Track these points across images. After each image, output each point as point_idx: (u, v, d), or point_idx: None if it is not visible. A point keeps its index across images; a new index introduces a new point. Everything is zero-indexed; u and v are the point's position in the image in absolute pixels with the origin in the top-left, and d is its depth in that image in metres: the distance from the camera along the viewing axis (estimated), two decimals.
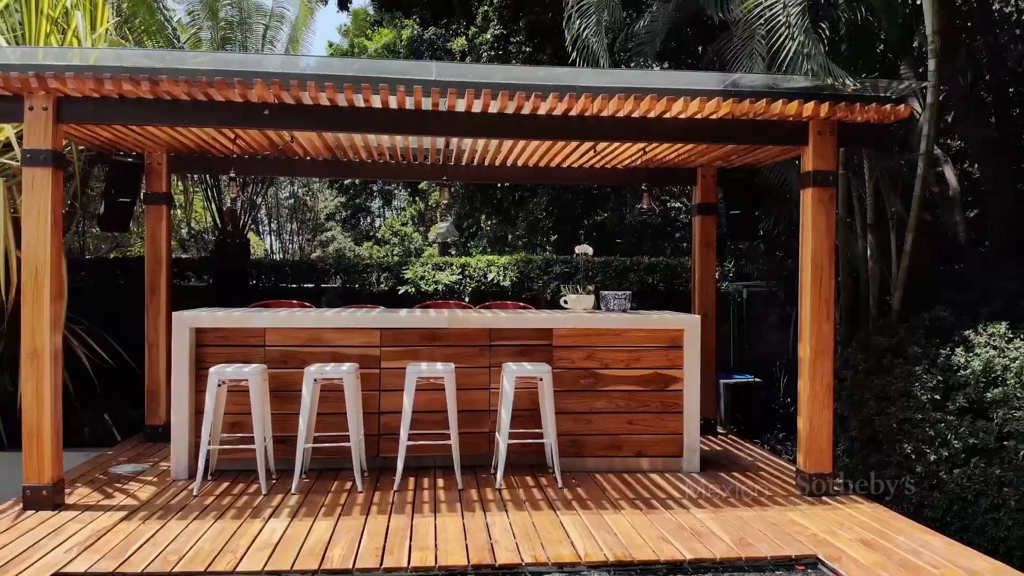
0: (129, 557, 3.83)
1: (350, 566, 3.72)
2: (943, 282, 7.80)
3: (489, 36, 11.86)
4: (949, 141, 10.35)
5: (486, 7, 12.48)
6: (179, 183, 8.86)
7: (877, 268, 7.12)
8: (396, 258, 11.12)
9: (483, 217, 16.89)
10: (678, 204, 13.78)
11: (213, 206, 8.32)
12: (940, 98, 6.26)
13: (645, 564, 3.82)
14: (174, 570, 3.67)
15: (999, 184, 9.71)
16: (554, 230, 15.81)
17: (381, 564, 3.73)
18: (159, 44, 7.30)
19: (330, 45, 24.70)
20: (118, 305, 7.58)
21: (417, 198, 21.80)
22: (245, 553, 3.87)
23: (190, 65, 4.69)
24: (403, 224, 24.94)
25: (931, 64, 6.11)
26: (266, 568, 3.69)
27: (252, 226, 12.57)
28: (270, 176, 9.38)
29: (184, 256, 12.62)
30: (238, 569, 3.68)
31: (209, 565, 3.72)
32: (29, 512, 4.58)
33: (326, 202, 24.61)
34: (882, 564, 3.83)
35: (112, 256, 9.97)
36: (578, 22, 6.55)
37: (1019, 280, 7.58)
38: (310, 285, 8.82)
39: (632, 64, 8.22)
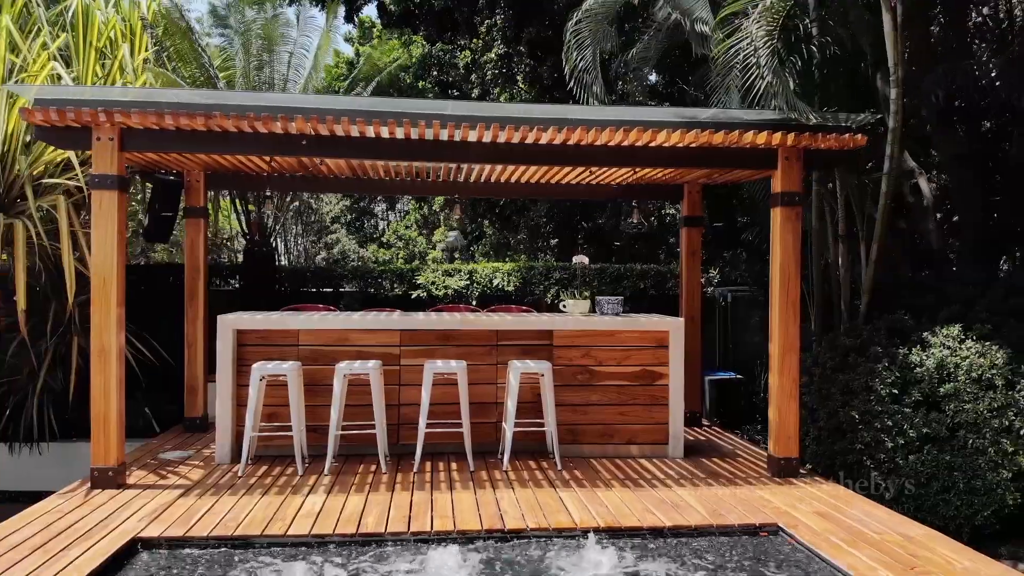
0: (193, 525, 4.50)
1: (383, 530, 4.38)
2: (910, 287, 8.47)
3: (493, 55, 12.52)
4: (926, 153, 11.02)
5: (489, 23, 13.13)
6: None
7: (848, 275, 7.78)
8: (408, 264, 11.77)
9: (486, 223, 17.58)
10: (673, 210, 14.45)
11: (241, 217, 8.97)
12: (902, 122, 6.90)
13: (631, 529, 4.49)
14: (235, 533, 4.35)
15: (967, 195, 10.40)
16: (554, 235, 16.49)
17: (408, 528, 4.41)
18: (192, 69, 7.96)
19: (337, 54, 25.33)
20: (154, 307, 8.24)
21: (421, 202, 22.44)
22: (293, 520, 4.55)
23: (238, 101, 5.36)
24: (407, 227, 25.56)
25: (892, 93, 6.76)
26: (312, 531, 4.36)
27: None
28: (297, 192, 10.05)
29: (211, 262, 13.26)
30: (289, 532, 4.35)
31: (264, 529, 4.39)
32: (96, 491, 5.25)
33: (331, 206, 25.22)
34: (831, 530, 4.49)
35: (142, 263, 10.63)
36: (575, 54, 7.22)
37: (978, 286, 8.26)
38: (328, 290, 9.48)
39: (626, 86, 8.89)
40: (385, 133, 5.30)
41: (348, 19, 18.08)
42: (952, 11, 9.57)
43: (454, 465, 5.94)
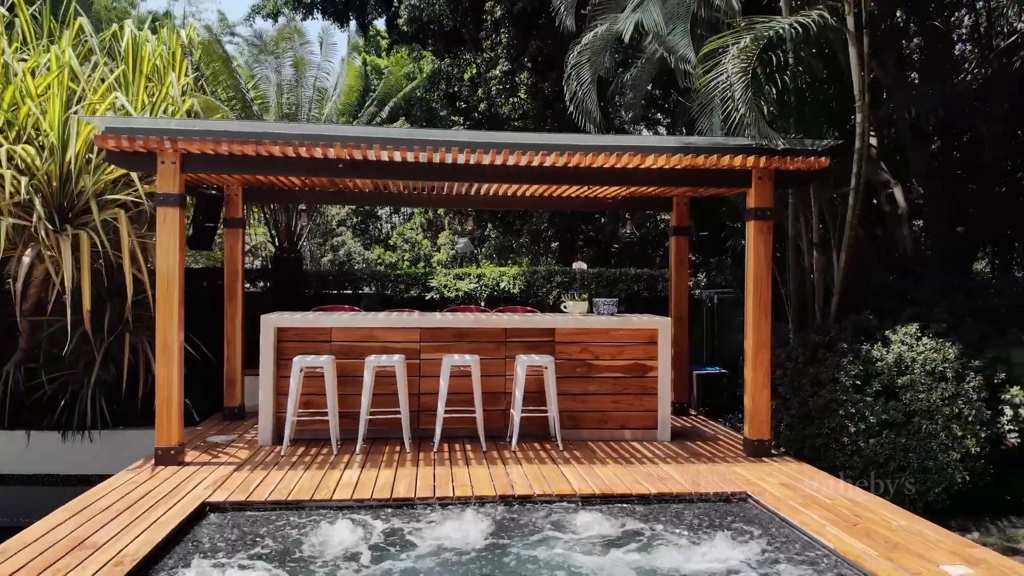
0: (252, 492, 5.29)
1: (412, 496, 5.18)
2: (881, 291, 9.27)
3: (498, 72, 13.31)
4: (902, 166, 11.80)
5: (494, 40, 13.90)
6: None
7: (821, 278, 8.56)
8: (417, 268, 12.56)
9: (490, 227, 18.38)
10: (668, 217, 15.25)
11: (269, 226, 9.76)
12: (867, 144, 7.68)
13: (622, 496, 5.28)
14: (288, 498, 5.14)
15: (937, 206, 11.20)
16: (554, 239, 17.30)
17: (434, 494, 5.20)
18: (229, 92, 8.74)
19: (353, 74, 26.05)
20: (190, 307, 9.00)
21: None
22: (335, 488, 5.34)
23: (283, 131, 6.15)
24: (412, 230, 26.33)
25: (858, 117, 7.55)
26: (354, 496, 5.16)
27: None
28: (324, 204, 10.84)
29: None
30: (333, 497, 5.15)
31: (312, 495, 5.19)
32: (160, 467, 6.04)
33: (337, 209, 25.97)
34: (791, 497, 5.29)
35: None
36: (575, 84, 8.01)
37: (943, 290, 9.06)
38: (348, 291, 10.28)
39: (620, 106, 9.68)
40: (411, 158, 6.10)
41: (361, 32, 18.92)
42: (926, 37, 10.38)
43: (468, 446, 6.74)
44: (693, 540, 4.60)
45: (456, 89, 15.96)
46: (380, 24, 20.66)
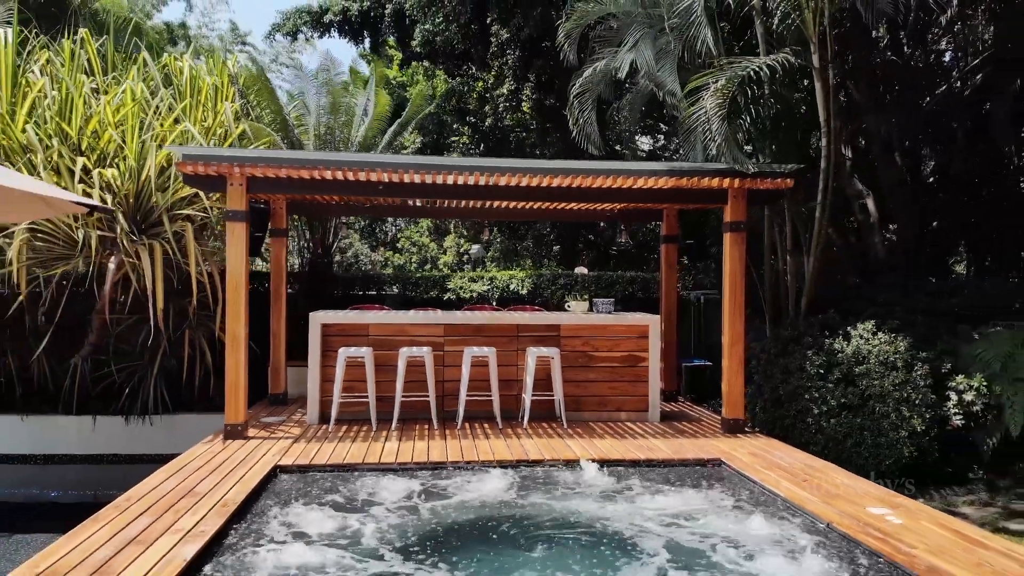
0: (312, 458, 6.38)
1: (445, 460, 6.28)
2: (852, 293, 10.36)
3: (504, 90, 14.41)
4: (874, 179, 12.89)
5: (500, 62, 15.00)
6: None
7: (794, 282, 9.65)
8: (435, 272, 13.64)
9: (495, 231, 19.50)
10: (660, 226, 16.36)
11: (307, 234, 10.86)
12: (833, 164, 8.76)
13: (616, 460, 6.37)
14: (343, 462, 6.24)
15: (905, 216, 12.31)
16: (556, 243, 18.42)
17: (462, 458, 6.30)
18: (273, 116, 9.82)
19: (352, 71, 27.11)
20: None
21: None
22: (380, 455, 6.44)
23: (334, 158, 7.24)
24: (419, 233, 27.39)
25: (824, 141, 8.65)
26: (397, 461, 6.25)
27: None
28: (356, 216, 11.94)
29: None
30: (380, 461, 6.25)
31: (363, 460, 6.28)
32: (229, 441, 7.12)
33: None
34: (757, 463, 6.38)
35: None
36: (577, 112, 9.11)
37: (905, 291, 10.16)
38: (372, 292, 11.37)
39: (617, 127, 10.79)
40: (440, 180, 7.20)
41: (373, 50, 20.03)
42: (885, 70, 11.49)
43: (487, 425, 7.84)
44: (674, 492, 5.70)
45: (465, 104, 17.08)
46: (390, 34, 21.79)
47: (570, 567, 4.27)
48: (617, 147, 13.73)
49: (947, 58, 12.89)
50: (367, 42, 19.31)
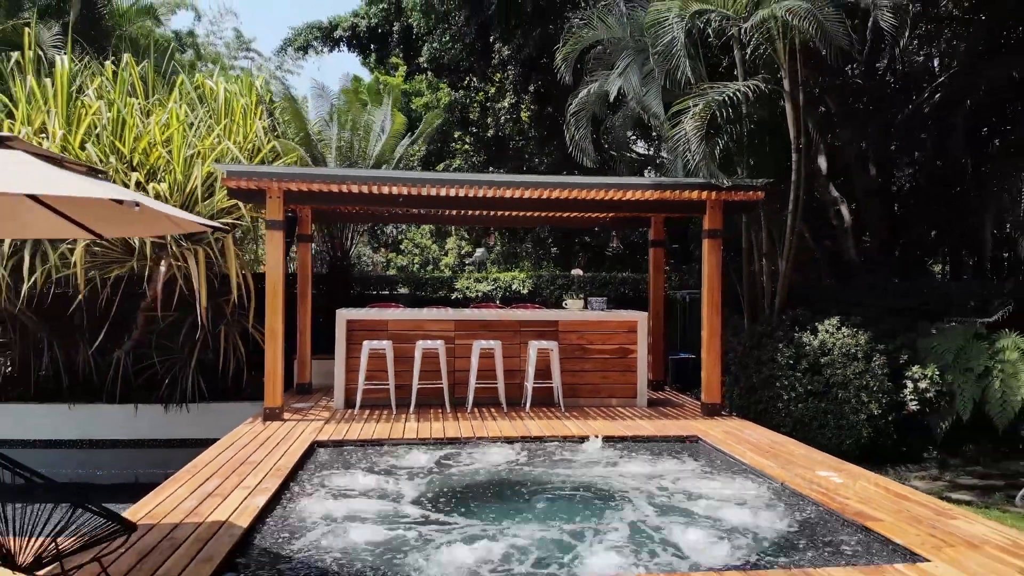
0: (345, 435, 7.33)
1: (458, 436, 7.23)
2: (826, 292, 11.32)
3: (505, 104, 15.38)
4: (849, 187, 13.85)
5: (501, 76, 15.94)
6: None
7: (770, 282, 10.60)
8: (438, 272, 14.59)
9: (497, 235, 20.46)
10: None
11: (328, 239, 11.81)
12: (803, 177, 9.71)
13: (608, 436, 7.32)
14: (371, 438, 7.18)
15: (874, 222, 13.28)
16: (554, 245, 19.38)
17: (474, 435, 7.25)
18: (299, 133, 10.76)
19: (356, 79, 28.04)
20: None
21: None
22: (403, 433, 7.38)
23: (359, 174, 8.19)
24: (421, 235, 28.30)
25: (794, 157, 9.60)
26: (418, 437, 7.20)
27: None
28: (374, 223, 12.90)
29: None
30: (403, 437, 7.19)
31: (388, 436, 7.23)
32: (269, 422, 8.05)
33: None
34: (729, 439, 7.33)
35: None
36: (573, 129, 10.08)
37: (869, 290, 11.11)
38: (385, 292, 12.32)
39: (611, 137, 11.76)
40: (453, 193, 8.15)
41: (380, 63, 20.99)
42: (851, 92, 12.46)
43: (493, 409, 8.79)
44: (655, 461, 6.65)
45: (467, 114, 18.04)
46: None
47: (566, 513, 5.22)
48: (613, 151, 14.74)
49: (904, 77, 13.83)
50: (374, 56, 20.28)
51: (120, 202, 3.27)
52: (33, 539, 3.07)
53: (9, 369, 10.94)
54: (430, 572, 4.08)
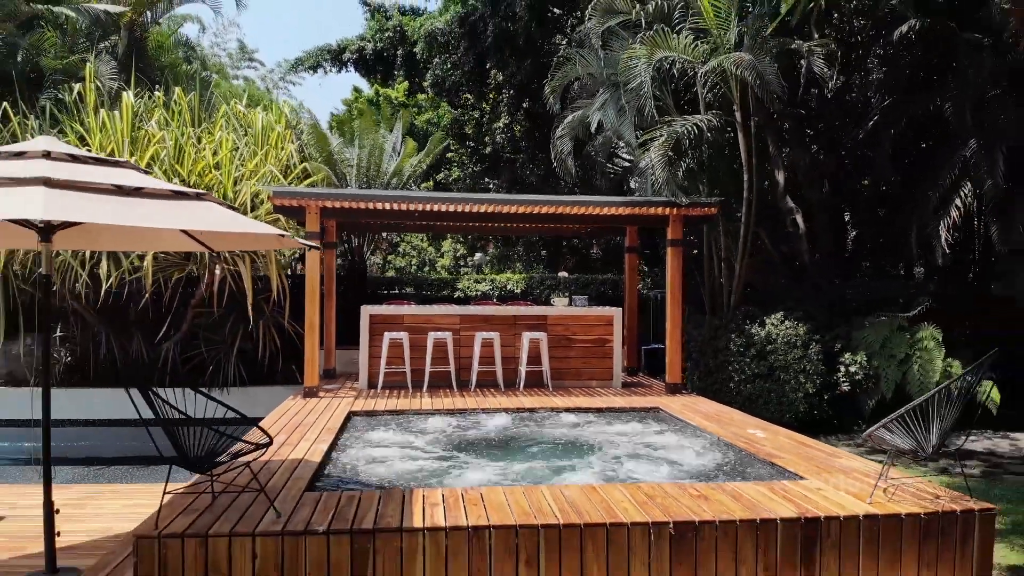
0: (374, 407, 8.95)
1: (465, 407, 8.87)
2: (780, 292, 13.01)
3: (500, 124, 17.04)
4: (804, 199, 15.54)
5: (496, 98, 17.59)
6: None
7: (727, 283, 12.29)
8: (438, 274, 16.24)
9: (493, 241, 22.15)
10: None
11: (345, 244, 13.44)
12: (755, 195, 11.39)
13: (586, 408, 8.98)
14: (395, 409, 8.81)
15: (824, 230, 14.97)
16: (544, 248, 21.08)
17: (478, 407, 8.90)
18: (324, 155, 12.38)
19: (356, 90, 29.59)
20: (297, 302, 12.64)
21: None
22: (419, 406, 9.02)
23: (384, 194, 9.83)
24: (418, 238, 29.90)
25: (746, 177, 11.28)
26: (432, 408, 8.84)
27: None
28: (387, 232, 14.56)
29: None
30: (421, 408, 8.83)
31: (408, 408, 8.86)
32: (308, 398, 9.66)
33: None
34: (685, 410, 8.98)
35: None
36: (560, 148, 11.75)
37: (814, 289, 12.80)
38: (396, 291, 13.94)
39: (592, 160, 13.44)
40: (459, 209, 9.80)
41: (384, 82, 22.61)
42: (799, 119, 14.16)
43: (492, 390, 10.43)
44: (622, 424, 8.31)
45: (464, 130, 19.70)
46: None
47: (553, 456, 6.87)
48: (594, 169, 16.42)
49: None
50: (379, 76, 21.91)
51: (281, 235, 4.89)
52: (202, 449, 4.68)
53: (70, 359, 12.53)
54: (449, 483, 5.73)
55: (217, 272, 10.32)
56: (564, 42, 15.35)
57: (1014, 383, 10.88)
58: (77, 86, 11.83)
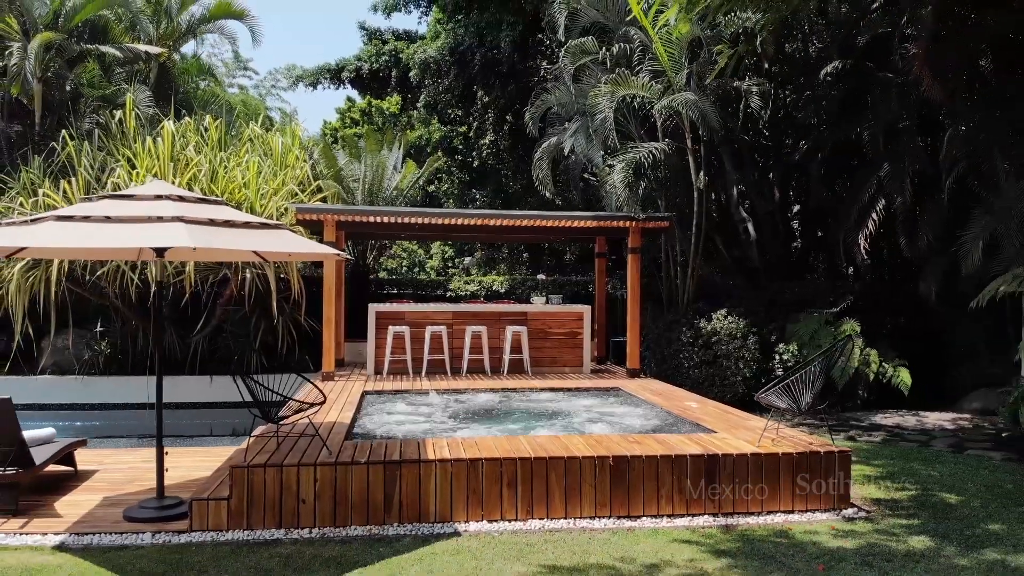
0: (383, 388, 10.69)
1: (459, 388, 10.63)
2: (729, 291, 14.86)
3: (487, 141, 18.81)
4: (753, 208, 17.41)
5: (482, 117, 19.35)
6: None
7: (682, 284, 14.10)
8: (439, 277, 18.02)
9: (479, 245, 23.93)
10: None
11: (351, 248, 15.14)
12: (706, 209, 13.20)
13: (558, 388, 10.77)
14: (399, 389, 10.56)
15: (771, 237, 16.84)
16: (525, 252, 22.90)
17: (469, 388, 10.66)
18: (330, 169, 14.07)
19: (348, 99, 31.05)
20: (313, 300, 14.33)
21: None
22: (420, 387, 10.76)
23: (391, 210, 11.57)
24: (410, 243, 31.55)
25: (696, 195, 13.10)
26: (432, 388, 10.59)
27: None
28: (389, 240, 16.30)
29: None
30: (421, 388, 10.58)
31: (411, 388, 10.61)
32: (326, 382, 11.37)
33: None
34: (640, 389, 10.78)
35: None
36: (540, 167, 13.53)
37: (758, 289, 14.66)
38: (394, 291, 15.68)
39: (565, 179, 15.25)
40: (454, 222, 11.55)
41: (377, 97, 24.29)
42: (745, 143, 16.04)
43: (481, 375, 12.19)
44: (588, 399, 10.11)
45: (454, 144, 21.47)
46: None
47: (528, 420, 8.65)
48: (570, 183, 18.23)
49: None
50: (373, 92, 23.60)
51: (338, 254, 6.63)
52: (274, 408, 6.41)
53: (110, 351, 14.15)
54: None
55: (247, 275, 12.00)
56: (544, 63, 17.13)
57: (924, 368, 12.79)
58: (119, 113, 13.45)
